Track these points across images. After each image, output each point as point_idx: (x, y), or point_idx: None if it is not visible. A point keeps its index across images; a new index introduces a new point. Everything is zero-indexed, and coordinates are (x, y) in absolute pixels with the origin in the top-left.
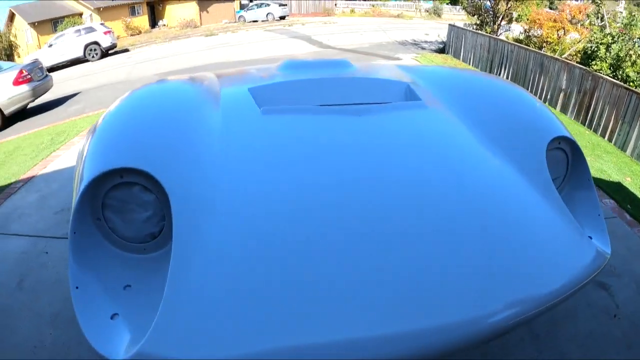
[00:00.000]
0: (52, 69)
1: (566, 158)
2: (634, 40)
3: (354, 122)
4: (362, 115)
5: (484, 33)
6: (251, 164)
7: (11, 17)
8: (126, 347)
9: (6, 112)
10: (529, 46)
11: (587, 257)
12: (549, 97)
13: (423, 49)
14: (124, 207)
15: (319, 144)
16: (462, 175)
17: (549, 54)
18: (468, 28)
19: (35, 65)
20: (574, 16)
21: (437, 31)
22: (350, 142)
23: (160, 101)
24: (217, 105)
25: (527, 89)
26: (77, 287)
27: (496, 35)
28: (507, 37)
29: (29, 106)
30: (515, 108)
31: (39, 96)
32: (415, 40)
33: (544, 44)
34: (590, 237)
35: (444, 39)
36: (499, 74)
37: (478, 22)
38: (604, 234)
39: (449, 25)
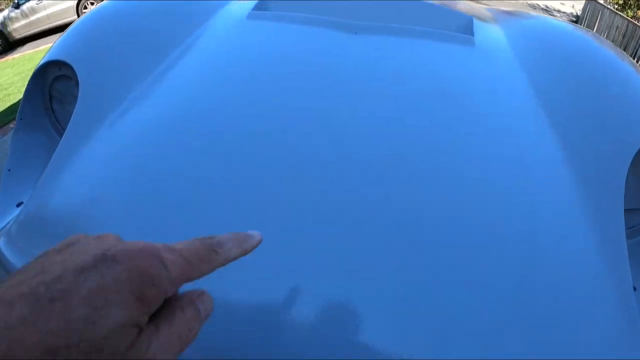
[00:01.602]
0: None
1: None
2: None
3: (350, 40)
4: (362, 33)
5: (625, 16)
6: (191, 71)
7: None
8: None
9: None
10: None
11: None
12: None
13: (552, 17)
14: (64, 100)
15: (289, 58)
16: (467, 158)
17: None
18: (608, 6)
19: None
20: None
21: (576, 3)
22: (329, 63)
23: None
24: (221, 7)
25: None
26: (9, 170)
27: (639, 21)
28: None
29: None
30: (609, 89)
31: None
32: (547, 7)
33: None
34: None
35: (579, 13)
36: None
37: (621, 1)
38: None
39: None
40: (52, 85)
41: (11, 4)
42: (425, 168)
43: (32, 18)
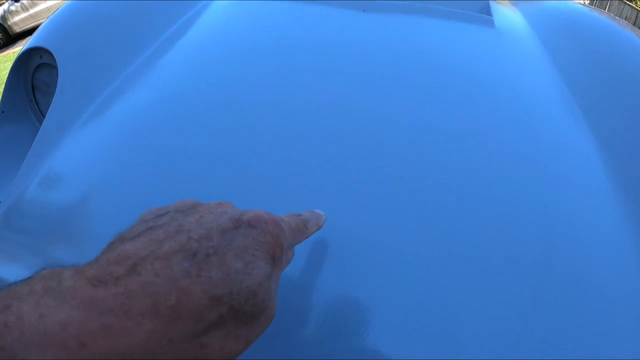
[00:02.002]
0: None
1: None
2: None
3: (359, 19)
4: (372, 12)
5: (634, 5)
6: (184, 53)
7: None
8: None
9: None
10: None
11: None
12: None
13: None
14: (47, 90)
15: (291, 40)
16: (496, 150)
17: None
18: None
19: None
20: None
21: None
22: (336, 44)
23: None
24: None
25: None
26: None
27: None
28: None
29: None
30: (636, 72)
31: None
32: None
33: None
34: None
35: (587, 2)
36: None
37: None
38: None
39: None
40: (35, 75)
41: None
42: (451, 161)
43: (32, 11)
